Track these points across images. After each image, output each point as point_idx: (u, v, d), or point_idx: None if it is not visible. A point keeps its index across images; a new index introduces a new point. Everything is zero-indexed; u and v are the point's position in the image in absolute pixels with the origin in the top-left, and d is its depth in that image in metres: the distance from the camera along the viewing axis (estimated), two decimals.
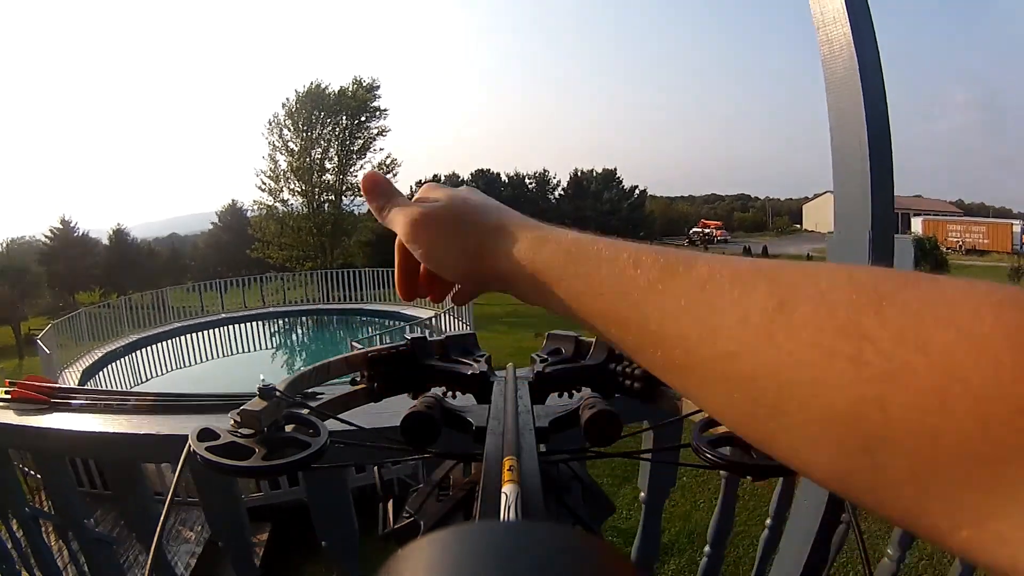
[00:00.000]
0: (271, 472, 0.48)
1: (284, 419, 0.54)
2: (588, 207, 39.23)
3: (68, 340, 11.64)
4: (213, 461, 0.47)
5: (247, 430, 0.51)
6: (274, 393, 0.53)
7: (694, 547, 5.24)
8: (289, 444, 0.51)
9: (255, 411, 0.51)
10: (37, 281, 29.53)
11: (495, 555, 0.19)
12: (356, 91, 29.30)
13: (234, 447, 0.49)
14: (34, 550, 1.55)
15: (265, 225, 28.47)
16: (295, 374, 0.62)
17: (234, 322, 15.30)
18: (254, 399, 0.52)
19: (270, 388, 0.53)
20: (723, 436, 0.54)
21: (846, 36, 1.19)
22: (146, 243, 36.39)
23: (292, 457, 0.49)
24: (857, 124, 1.25)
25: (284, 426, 0.54)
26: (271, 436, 0.51)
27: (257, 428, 0.51)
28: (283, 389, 0.55)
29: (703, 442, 0.52)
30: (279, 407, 0.54)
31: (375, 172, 0.59)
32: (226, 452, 0.48)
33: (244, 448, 0.49)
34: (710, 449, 0.51)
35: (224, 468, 0.47)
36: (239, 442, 0.50)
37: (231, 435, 0.50)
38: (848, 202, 1.33)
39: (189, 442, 0.48)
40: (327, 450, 0.51)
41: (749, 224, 54.63)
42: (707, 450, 0.51)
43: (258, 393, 0.53)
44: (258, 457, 0.49)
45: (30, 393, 1.14)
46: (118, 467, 1.17)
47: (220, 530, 1.18)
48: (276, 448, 0.50)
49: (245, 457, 0.49)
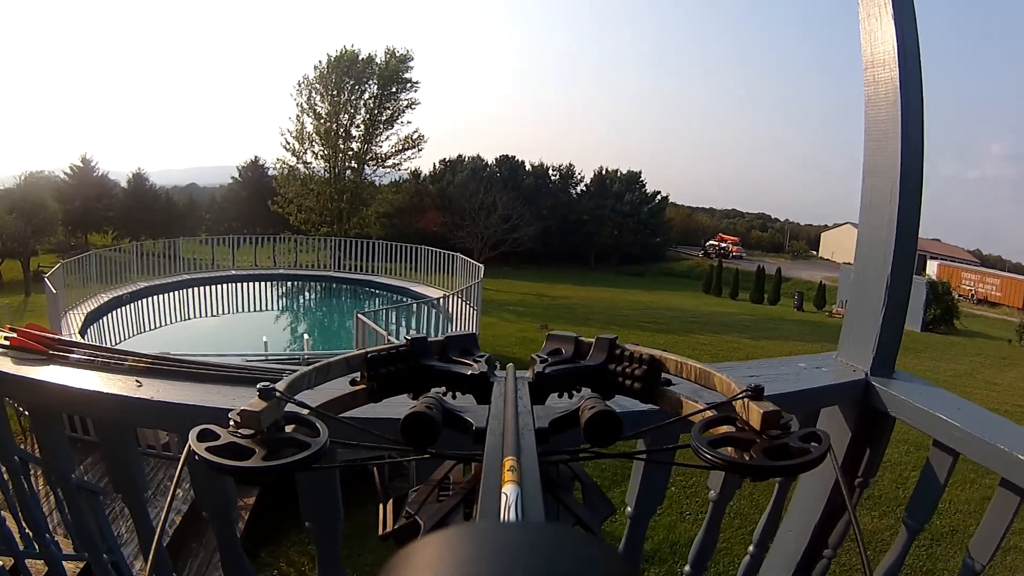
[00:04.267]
0: (271, 473, 0.49)
1: (284, 419, 0.55)
2: (608, 206, 39.10)
3: (76, 281, 11.71)
4: (213, 462, 0.47)
5: (247, 430, 0.51)
6: (274, 393, 0.54)
7: (675, 558, 5.25)
8: (289, 444, 0.52)
9: (255, 411, 0.51)
10: (51, 218, 29.61)
11: (495, 556, 0.19)
12: (388, 61, 29.27)
13: (234, 447, 0.50)
14: (20, 494, 1.57)
15: (288, 183, 28.60)
16: (295, 374, 0.62)
17: (243, 280, 15.38)
18: (254, 399, 0.53)
19: (270, 388, 0.54)
20: (723, 437, 0.54)
21: (893, 81, 1.16)
22: (164, 190, 36.50)
23: (292, 457, 0.49)
24: (891, 168, 1.23)
25: (284, 426, 0.54)
26: (271, 436, 0.52)
27: (257, 428, 0.51)
28: (283, 389, 0.55)
29: (703, 443, 0.52)
30: (279, 407, 0.54)
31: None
32: (226, 452, 0.49)
33: (244, 448, 0.50)
34: (710, 450, 0.51)
35: (224, 469, 0.48)
36: (239, 442, 0.50)
37: (231, 435, 0.51)
38: (871, 244, 1.32)
39: (189, 442, 0.49)
40: (327, 451, 0.51)
41: (766, 244, 54.32)
42: (707, 451, 0.51)
43: (258, 393, 0.53)
44: (258, 457, 0.49)
45: (29, 343, 1.14)
46: (109, 426, 1.17)
47: (206, 503, 1.19)
48: (276, 448, 0.51)
49: (245, 457, 0.49)
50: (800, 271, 38.24)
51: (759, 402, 0.54)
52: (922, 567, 5.37)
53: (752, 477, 0.52)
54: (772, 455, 0.51)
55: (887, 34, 1.18)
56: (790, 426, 0.53)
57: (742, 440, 0.53)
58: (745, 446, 0.53)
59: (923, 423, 1.24)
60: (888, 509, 6.29)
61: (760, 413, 0.53)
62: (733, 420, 0.56)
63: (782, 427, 0.53)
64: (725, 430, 0.55)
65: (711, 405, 0.60)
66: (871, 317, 1.32)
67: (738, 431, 0.54)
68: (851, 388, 1.34)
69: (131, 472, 1.21)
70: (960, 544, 5.67)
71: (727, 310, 25.16)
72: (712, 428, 0.56)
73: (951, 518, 6.15)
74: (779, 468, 0.51)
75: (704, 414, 0.59)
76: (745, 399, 0.55)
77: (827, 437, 0.51)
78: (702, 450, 0.51)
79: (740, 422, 0.55)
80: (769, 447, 0.51)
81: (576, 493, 0.58)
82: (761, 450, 0.51)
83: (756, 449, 0.51)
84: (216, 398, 1.06)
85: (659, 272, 39.69)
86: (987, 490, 5.95)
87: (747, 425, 0.54)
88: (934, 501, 1.30)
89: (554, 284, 28.37)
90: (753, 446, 0.52)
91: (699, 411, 0.60)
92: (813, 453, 0.50)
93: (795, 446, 0.51)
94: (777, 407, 0.53)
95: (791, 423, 0.54)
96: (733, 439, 0.54)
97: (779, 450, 0.51)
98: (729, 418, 0.56)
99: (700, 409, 0.60)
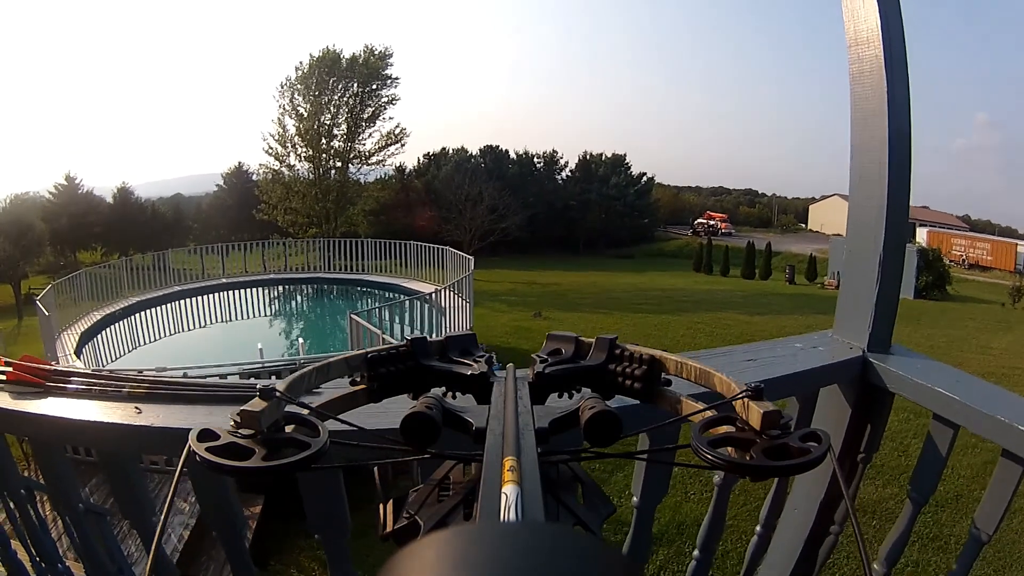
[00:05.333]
0: (271, 473, 0.49)
1: (284, 419, 0.55)
2: (594, 190, 39.05)
3: (67, 301, 11.63)
4: (213, 462, 0.47)
5: (247, 430, 0.51)
6: (274, 394, 0.54)
7: (683, 538, 5.31)
8: (289, 444, 0.52)
9: (255, 412, 0.51)
10: (39, 239, 29.37)
11: (495, 556, 0.19)
12: (368, 59, 29.12)
13: (234, 447, 0.50)
14: (27, 522, 1.56)
15: (271, 188, 28.46)
16: (295, 374, 0.62)
17: (234, 287, 15.34)
18: (254, 399, 0.53)
19: (270, 389, 0.54)
20: (723, 437, 0.55)
21: (878, 59, 1.16)
22: (150, 203, 36.14)
23: (292, 457, 0.49)
24: (879, 145, 1.23)
25: (284, 426, 0.54)
26: (271, 436, 0.52)
27: (257, 429, 0.51)
28: (283, 389, 0.55)
29: (702, 442, 0.53)
30: (279, 407, 0.54)
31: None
32: (226, 452, 0.49)
33: (244, 449, 0.50)
34: (709, 450, 0.52)
35: (224, 469, 0.48)
36: (239, 443, 0.50)
37: (231, 435, 0.51)
38: (862, 221, 1.33)
39: (189, 442, 0.49)
40: (327, 451, 0.51)
41: (755, 220, 54.37)
42: (706, 450, 0.52)
43: (258, 394, 0.53)
44: (258, 458, 0.49)
45: (25, 376, 1.13)
46: (111, 454, 1.17)
47: (211, 515, 1.19)
48: (276, 448, 0.51)
49: (245, 457, 0.49)
50: (790, 245, 38.38)
51: (759, 402, 0.55)
52: (928, 533, 5.46)
53: (752, 477, 0.52)
54: (772, 455, 0.51)
55: (870, 12, 1.17)
56: (790, 426, 0.54)
57: (742, 440, 0.53)
58: (745, 446, 0.53)
59: (922, 397, 1.25)
60: (891, 478, 6.38)
61: (760, 413, 0.53)
62: (733, 420, 0.56)
63: (782, 427, 0.53)
64: (725, 430, 0.55)
65: (711, 405, 0.60)
66: (865, 294, 1.33)
67: (738, 431, 0.55)
68: (849, 366, 1.35)
69: (136, 496, 1.20)
70: (965, 509, 5.76)
71: (719, 287, 25.26)
72: (712, 428, 0.56)
73: (954, 483, 6.25)
74: (779, 468, 0.51)
75: (704, 414, 0.59)
76: (745, 399, 0.56)
77: (827, 437, 0.51)
78: (702, 450, 0.51)
79: (740, 422, 0.56)
80: (769, 447, 0.52)
81: (576, 494, 0.59)
82: (761, 450, 0.51)
83: (756, 449, 0.52)
84: (217, 419, 1.05)
85: (648, 253, 39.67)
86: (988, 453, 6.05)
87: (747, 425, 0.55)
88: (937, 474, 1.31)
89: (544, 271, 28.37)
90: (753, 446, 0.52)
91: (699, 411, 0.60)
92: (813, 453, 0.50)
93: (795, 446, 0.51)
94: (777, 407, 0.54)
95: (791, 423, 0.54)
96: (733, 439, 0.54)
97: (779, 450, 0.51)
98: (729, 418, 0.57)
99: (700, 409, 0.60)
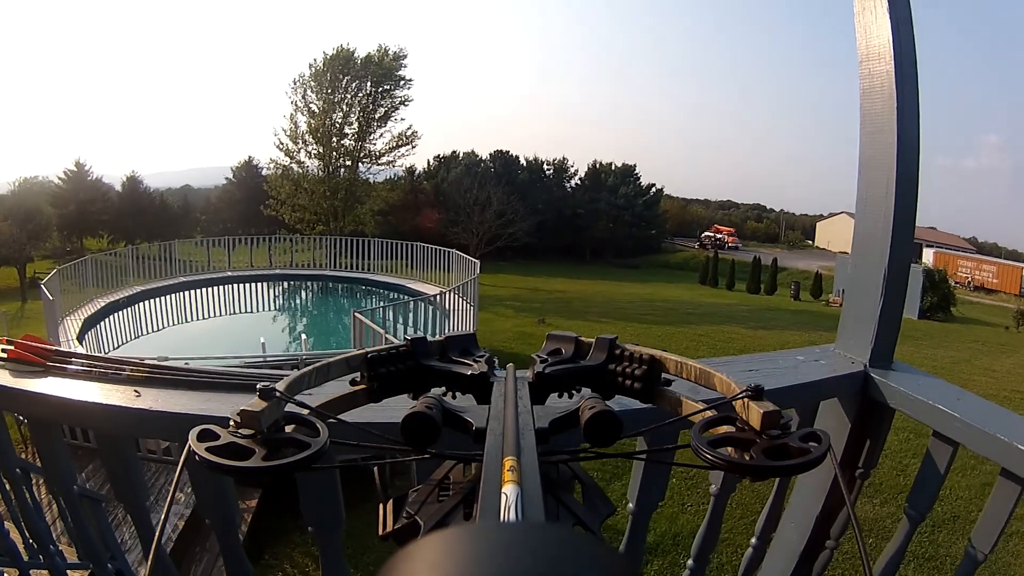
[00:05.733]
0: (271, 473, 0.49)
1: (284, 419, 0.55)
2: (603, 199, 39.02)
3: (72, 286, 11.63)
4: (213, 462, 0.47)
5: (247, 430, 0.51)
6: (274, 393, 0.54)
7: (678, 550, 5.28)
8: (289, 444, 0.52)
9: (255, 411, 0.51)
10: (46, 224, 29.46)
11: (495, 556, 0.20)
12: (382, 59, 29.20)
13: (234, 447, 0.50)
14: (22, 504, 1.57)
15: (280, 184, 28.50)
16: (295, 374, 0.62)
17: (239, 281, 15.32)
18: (254, 399, 0.53)
19: (270, 388, 0.54)
20: (723, 437, 0.55)
21: (888, 74, 1.16)
22: (159, 193, 36.25)
23: (292, 457, 0.49)
24: (888, 161, 1.23)
25: (284, 426, 0.54)
26: (271, 436, 0.52)
27: (257, 428, 0.51)
28: (283, 389, 0.55)
29: (702, 443, 0.52)
30: (279, 407, 0.54)
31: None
32: (226, 452, 0.49)
33: (244, 448, 0.50)
34: (709, 450, 0.52)
35: (224, 469, 0.48)
36: (239, 442, 0.50)
37: (231, 435, 0.51)
38: (869, 237, 1.32)
39: (189, 442, 0.49)
40: (327, 451, 0.51)
41: (762, 235, 54.33)
42: (707, 451, 0.51)
43: (258, 393, 0.53)
44: (258, 457, 0.49)
45: (27, 355, 1.14)
46: (108, 436, 1.17)
47: (207, 508, 1.19)
48: (276, 448, 0.51)
49: (245, 457, 0.49)
50: (796, 261, 38.32)
51: (759, 402, 0.54)
52: (924, 553, 5.41)
53: (752, 477, 0.52)
54: (772, 455, 0.51)
55: (882, 28, 1.17)
56: (790, 426, 0.54)
57: (742, 440, 0.53)
58: (745, 446, 0.53)
59: (922, 414, 1.24)
60: (889, 497, 6.32)
61: (760, 413, 0.53)
62: (733, 420, 0.56)
63: (782, 427, 0.53)
64: (725, 430, 0.55)
65: (711, 405, 0.60)
66: (869, 309, 1.32)
67: (738, 431, 0.55)
68: (850, 380, 1.34)
69: (132, 480, 1.21)
70: (961, 530, 5.70)
71: (724, 301, 25.21)
72: (712, 428, 0.56)
73: (952, 504, 6.18)
74: (779, 468, 0.51)
75: (704, 414, 0.59)
76: (745, 399, 0.56)
77: (827, 437, 0.51)
78: (702, 450, 0.51)
79: (740, 422, 0.55)
80: (769, 447, 0.52)
81: (576, 493, 0.58)
82: (761, 450, 0.51)
83: (756, 449, 0.52)
84: (216, 406, 1.05)
85: (655, 264, 39.60)
86: (987, 476, 5.99)
87: (747, 425, 0.55)
88: (935, 491, 1.30)
89: (550, 278, 28.37)
90: (753, 446, 0.52)
91: (699, 411, 0.60)
92: (813, 453, 0.50)
93: (795, 446, 0.51)
94: (777, 407, 0.53)
95: (791, 423, 0.54)
96: (733, 439, 0.54)
97: (779, 450, 0.51)
98: (729, 418, 0.56)
99: (700, 409, 0.60)
